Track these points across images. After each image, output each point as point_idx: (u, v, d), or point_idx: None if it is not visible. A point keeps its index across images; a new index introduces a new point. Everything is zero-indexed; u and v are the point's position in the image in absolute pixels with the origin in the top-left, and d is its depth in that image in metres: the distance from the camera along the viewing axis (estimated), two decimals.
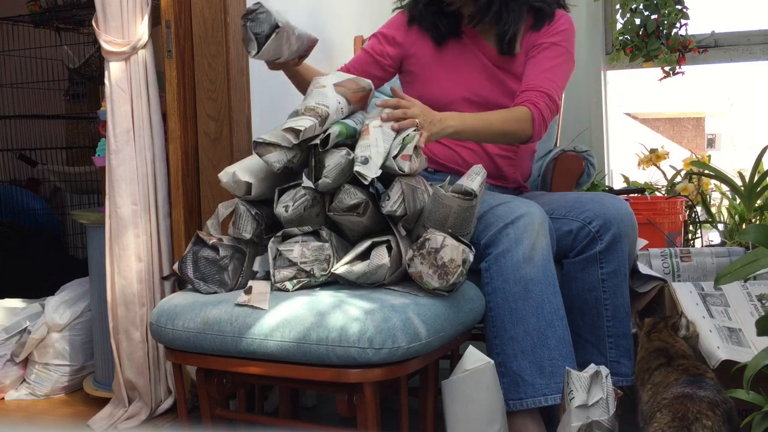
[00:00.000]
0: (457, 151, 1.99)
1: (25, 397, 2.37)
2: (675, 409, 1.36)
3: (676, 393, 1.41)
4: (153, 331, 1.58)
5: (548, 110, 1.86)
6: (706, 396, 1.38)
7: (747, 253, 1.38)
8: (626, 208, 1.82)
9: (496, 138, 1.85)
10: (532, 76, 1.91)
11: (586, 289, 1.81)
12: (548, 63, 1.92)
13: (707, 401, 1.37)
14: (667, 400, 1.40)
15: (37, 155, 3.37)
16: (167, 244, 2.07)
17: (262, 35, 1.59)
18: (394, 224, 1.55)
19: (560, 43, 1.94)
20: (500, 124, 1.81)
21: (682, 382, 1.45)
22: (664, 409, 1.38)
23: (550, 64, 1.92)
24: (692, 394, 1.39)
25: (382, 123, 1.59)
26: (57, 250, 3.23)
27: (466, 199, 1.52)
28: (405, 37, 2.04)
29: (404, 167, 1.52)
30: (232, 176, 1.58)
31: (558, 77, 1.91)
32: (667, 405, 1.38)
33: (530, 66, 1.94)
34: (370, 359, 1.38)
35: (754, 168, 2.28)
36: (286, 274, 1.55)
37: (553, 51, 1.93)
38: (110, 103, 2.03)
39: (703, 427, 1.32)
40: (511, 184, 2.06)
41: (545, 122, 1.86)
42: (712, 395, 1.39)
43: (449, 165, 1.99)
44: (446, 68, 2.00)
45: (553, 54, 1.93)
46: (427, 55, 2.02)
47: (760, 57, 2.80)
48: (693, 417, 1.34)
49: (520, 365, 1.65)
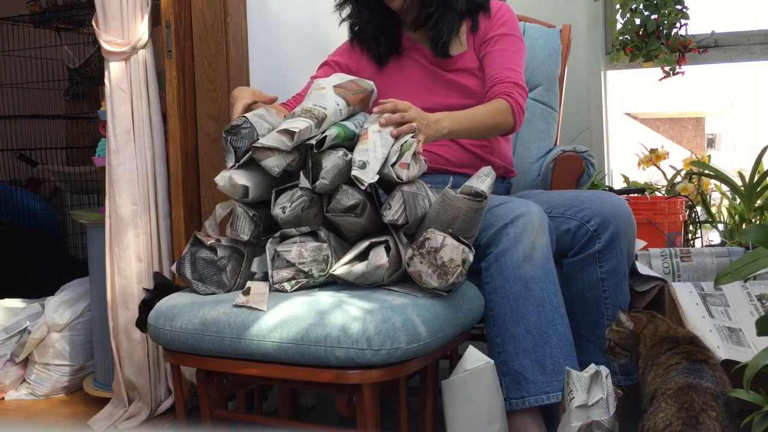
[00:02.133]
0: (432, 151, 1.97)
1: (25, 397, 2.37)
2: (681, 400, 1.37)
3: (680, 383, 1.41)
4: (151, 332, 1.58)
5: (521, 98, 1.91)
6: (709, 387, 1.40)
7: (747, 253, 1.38)
8: (624, 206, 1.82)
9: (485, 132, 1.87)
10: (493, 70, 1.96)
11: (586, 289, 1.81)
12: (504, 54, 1.98)
13: (710, 392, 1.39)
14: (672, 390, 1.40)
15: (37, 155, 3.37)
16: (167, 244, 2.07)
17: (241, 150, 1.60)
18: (395, 232, 1.55)
19: (508, 33, 2.01)
20: (486, 118, 1.85)
21: (683, 370, 1.45)
22: (669, 399, 1.38)
23: (505, 55, 1.98)
24: (696, 385, 1.40)
25: (380, 128, 1.58)
26: (57, 250, 3.23)
27: (476, 200, 1.52)
28: (348, 58, 2.08)
29: (402, 175, 1.52)
30: (228, 180, 1.57)
31: (517, 65, 1.98)
32: (672, 395, 1.39)
33: (488, 61, 1.99)
34: (370, 360, 1.38)
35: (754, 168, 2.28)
36: (284, 275, 1.55)
37: (504, 42, 1.99)
38: (110, 103, 2.03)
39: (709, 418, 1.34)
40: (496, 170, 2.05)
41: (522, 110, 1.91)
42: (713, 386, 1.40)
43: (431, 165, 1.98)
44: (394, 83, 2.02)
45: (505, 45, 1.99)
46: (369, 72, 2.03)
47: (760, 57, 2.80)
48: (699, 408, 1.35)
49: (522, 364, 1.65)
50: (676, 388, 1.40)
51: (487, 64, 1.98)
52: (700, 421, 1.33)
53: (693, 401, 1.36)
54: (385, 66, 2.06)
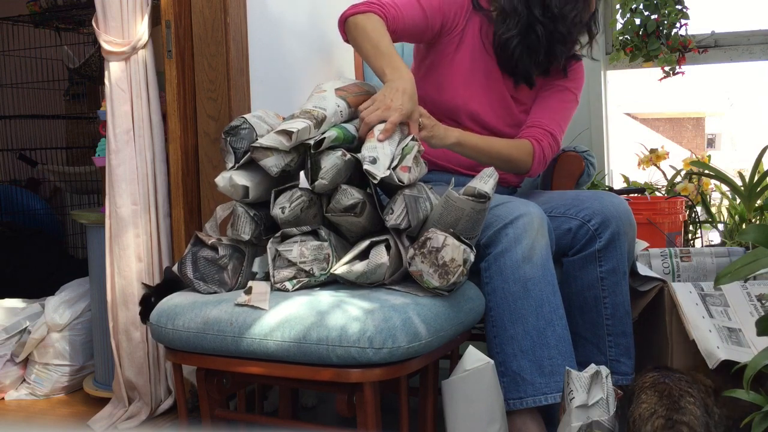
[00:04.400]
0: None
1: (25, 397, 2.37)
2: (659, 389, 1.46)
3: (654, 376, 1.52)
4: (153, 331, 1.58)
5: (550, 150, 1.92)
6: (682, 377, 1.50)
7: (747, 253, 1.38)
8: (625, 206, 1.83)
9: (498, 160, 1.86)
10: (540, 114, 1.96)
11: (585, 288, 1.81)
12: (558, 105, 1.98)
13: (684, 380, 1.49)
14: (648, 383, 1.49)
15: (37, 155, 3.37)
16: (167, 244, 2.07)
17: (240, 151, 1.60)
18: (398, 236, 1.55)
19: (573, 89, 2.02)
20: (503, 148, 1.87)
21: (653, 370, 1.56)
22: (648, 390, 1.46)
23: (560, 106, 1.98)
24: (668, 375, 1.51)
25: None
26: (57, 250, 3.24)
27: (479, 201, 1.52)
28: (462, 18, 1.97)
29: (404, 179, 1.52)
30: (228, 180, 1.57)
31: (564, 121, 1.98)
32: (649, 386, 1.49)
33: (540, 103, 1.98)
34: (371, 359, 1.38)
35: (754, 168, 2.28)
36: (285, 274, 1.55)
37: (566, 95, 2.00)
38: (110, 103, 2.03)
39: (689, 403, 1.43)
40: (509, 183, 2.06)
41: (545, 160, 1.92)
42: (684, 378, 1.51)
43: (435, 161, 1.98)
44: (470, 74, 1.97)
45: (565, 98, 2.00)
46: (464, 50, 1.96)
47: (760, 57, 2.80)
48: (678, 394, 1.44)
49: (520, 364, 1.65)
50: (651, 381, 1.49)
51: (536, 106, 1.98)
52: (681, 405, 1.42)
53: (671, 389, 1.45)
54: (462, 50, 1.97)
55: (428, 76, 1.98)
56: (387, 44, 1.73)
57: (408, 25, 1.86)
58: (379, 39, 1.74)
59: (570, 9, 1.90)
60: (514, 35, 1.90)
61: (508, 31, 1.90)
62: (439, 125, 1.76)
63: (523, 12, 1.89)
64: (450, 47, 1.96)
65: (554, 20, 1.89)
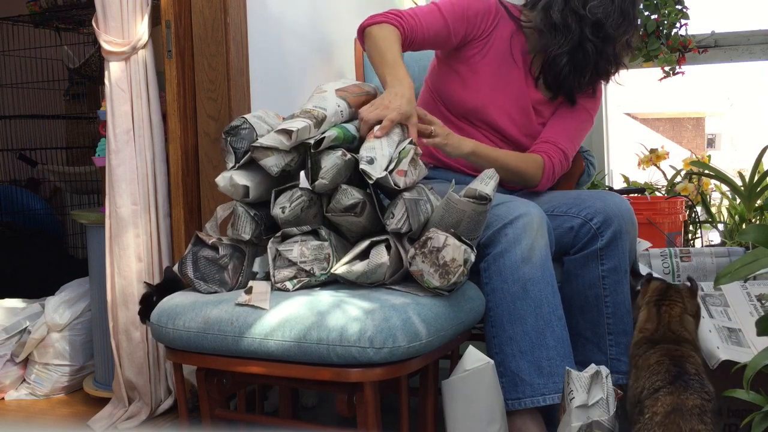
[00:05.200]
0: None
1: (25, 397, 2.37)
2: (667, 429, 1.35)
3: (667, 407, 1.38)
4: (153, 330, 1.58)
5: (560, 167, 1.93)
6: (695, 406, 1.37)
7: (747, 253, 1.38)
8: (626, 206, 1.83)
9: (508, 172, 1.87)
10: (556, 130, 1.96)
11: (586, 286, 1.81)
12: (574, 124, 1.98)
13: (697, 412, 1.36)
14: (659, 416, 1.37)
15: (37, 155, 3.37)
16: (167, 244, 2.07)
17: (240, 151, 1.60)
18: (399, 239, 1.55)
19: (590, 110, 2.03)
20: (514, 161, 1.88)
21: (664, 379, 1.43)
22: (657, 428, 1.36)
23: (576, 125, 1.99)
24: (681, 406, 1.37)
25: None
26: (57, 250, 3.24)
27: (480, 203, 1.52)
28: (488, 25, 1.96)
29: (399, 182, 1.52)
30: (229, 180, 1.58)
31: (578, 141, 2.00)
32: (659, 423, 1.36)
33: (557, 119, 1.98)
34: (371, 359, 1.38)
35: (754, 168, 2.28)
36: (286, 274, 1.55)
37: (583, 115, 2.00)
38: (110, 103, 2.03)
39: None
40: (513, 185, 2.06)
41: (554, 177, 1.93)
42: (699, 401, 1.38)
43: (442, 159, 1.98)
44: (495, 80, 1.96)
45: (582, 118, 2.00)
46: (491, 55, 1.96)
47: (760, 57, 2.80)
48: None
49: (519, 365, 1.65)
50: (663, 414, 1.37)
51: (553, 122, 1.98)
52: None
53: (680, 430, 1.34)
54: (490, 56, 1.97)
55: (450, 75, 1.98)
56: (393, 54, 1.75)
57: (429, 35, 1.87)
58: (387, 49, 1.76)
59: (623, 32, 1.90)
60: (564, 52, 1.89)
61: (559, 48, 1.89)
62: (453, 134, 1.77)
63: (576, 30, 1.88)
64: (475, 50, 1.96)
65: (605, 41, 1.89)
